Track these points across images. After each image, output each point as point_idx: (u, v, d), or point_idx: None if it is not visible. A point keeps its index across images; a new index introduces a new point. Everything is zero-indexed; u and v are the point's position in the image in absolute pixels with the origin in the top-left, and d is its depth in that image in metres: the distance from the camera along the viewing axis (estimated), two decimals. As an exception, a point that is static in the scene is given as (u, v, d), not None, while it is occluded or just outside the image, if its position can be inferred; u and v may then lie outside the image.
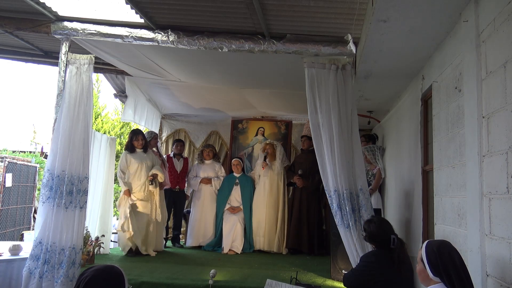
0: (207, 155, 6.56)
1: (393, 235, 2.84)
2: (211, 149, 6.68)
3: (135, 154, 5.48)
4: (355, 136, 4.00)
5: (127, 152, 5.53)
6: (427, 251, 2.00)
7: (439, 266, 1.93)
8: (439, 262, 1.94)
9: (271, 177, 6.27)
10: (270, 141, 6.73)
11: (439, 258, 1.94)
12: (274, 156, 6.41)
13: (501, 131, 2.16)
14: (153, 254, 5.39)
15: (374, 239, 2.92)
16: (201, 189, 6.43)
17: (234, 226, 6.04)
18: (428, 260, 1.97)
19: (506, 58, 2.13)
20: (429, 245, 2.03)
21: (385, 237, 2.85)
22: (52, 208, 4.02)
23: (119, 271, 1.76)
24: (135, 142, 5.52)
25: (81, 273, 1.75)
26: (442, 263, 1.93)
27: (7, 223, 8.68)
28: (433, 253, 1.97)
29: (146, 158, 5.50)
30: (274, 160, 6.39)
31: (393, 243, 2.79)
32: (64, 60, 4.33)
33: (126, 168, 5.42)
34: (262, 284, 3.33)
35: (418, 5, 2.67)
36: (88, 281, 1.68)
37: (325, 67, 4.06)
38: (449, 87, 3.10)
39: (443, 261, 1.93)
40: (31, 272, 3.93)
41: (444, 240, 2.14)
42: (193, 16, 4.04)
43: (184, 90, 6.31)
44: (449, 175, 3.06)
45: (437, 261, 1.94)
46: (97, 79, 13.65)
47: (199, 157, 6.67)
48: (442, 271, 1.92)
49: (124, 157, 5.49)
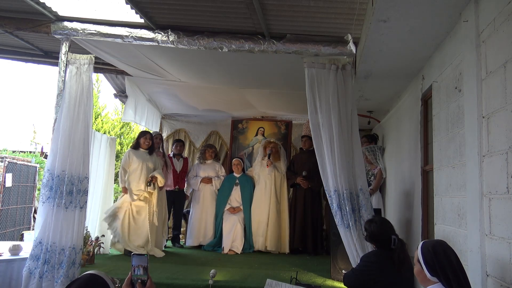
0: (209, 155, 6.57)
1: (394, 235, 2.84)
2: (214, 149, 6.69)
3: (138, 153, 5.46)
4: (355, 136, 4.00)
5: (130, 149, 5.54)
6: (423, 251, 2.01)
7: (436, 266, 1.93)
8: (435, 262, 1.94)
9: (275, 178, 6.24)
10: (274, 140, 6.66)
11: (435, 258, 1.95)
12: (278, 156, 6.39)
13: (501, 131, 2.16)
14: (159, 255, 5.34)
15: (375, 239, 2.92)
16: (201, 189, 6.42)
17: (234, 226, 6.03)
18: (424, 260, 1.98)
19: (506, 58, 2.13)
20: (424, 246, 2.04)
21: (386, 237, 2.85)
22: (52, 208, 4.02)
23: (102, 280, 1.71)
24: (142, 139, 5.50)
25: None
26: (438, 262, 1.93)
27: (7, 223, 8.68)
28: (429, 253, 1.98)
29: (148, 160, 5.47)
30: (278, 160, 6.36)
31: (393, 244, 2.79)
32: (64, 60, 4.33)
33: (127, 165, 5.40)
34: (262, 284, 3.33)
35: (418, 5, 2.67)
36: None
37: (325, 67, 4.06)
38: (449, 87, 3.10)
39: (439, 261, 1.93)
40: (31, 272, 3.93)
41: (439, 240, 2.14)
42: (193, 16, 4.04)
43: (184, 90, 6.31)
44: (449, 175, 3.06)
45: (433, 261, 1.95)
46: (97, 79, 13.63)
47: (200, 157, 6.66)
48: (439, 271, 1.92)
49: (127, 154, 5.49)
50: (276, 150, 6.40)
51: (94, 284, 1.69)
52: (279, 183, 6.27)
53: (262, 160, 6.40)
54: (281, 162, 6.37)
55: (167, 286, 3.83)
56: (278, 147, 6.47)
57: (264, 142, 6.58)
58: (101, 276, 1.73)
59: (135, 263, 1.84)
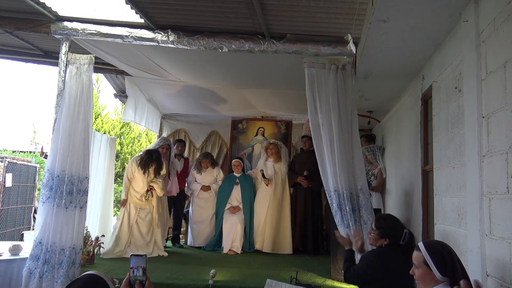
0: (205, 165, 6.42)
1: (406, 229, 2.84)
2: (209, 159, 6.48)
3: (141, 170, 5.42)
4: (355, 136, 4.00)
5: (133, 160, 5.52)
6: (431, 252, 1.98)
7: (447, 266, 1.92)
8: (447, 262, 1.93)
9: (276, 179, 6.21)
10: (274, 141, 6.55)
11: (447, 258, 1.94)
12: (279, 157, 6.32)
13: (501, 131, 2.16)
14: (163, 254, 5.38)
15: (391, 233, 2.86)
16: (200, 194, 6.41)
17: (234, 226, 6.03)
18: (434, 261, 1.95)
19: (506, 58, 2.13)
20: (430, 247, 2.01)
21: (401, 231, 2.83)
22: (52, 208, 4.02)
23: (102, 280, 1.71)
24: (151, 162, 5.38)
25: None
26: (450, 262, 1.92)
27: (7, 223, 8.68)
28: (439, 254, 1.96)
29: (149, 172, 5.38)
30: (279, 162, 6.31)
31: (403, 239, 2.79)
32: (64, 60, 4.33)
33: (132, 175, 5.39)
34: (262, 284, 3.32)
35: (418, 5, 2.67)
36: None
37: (325, 67, 4.06)
38: (449, 87, 3.10)
39: (450, 261, 1.93)
40: (31, 272, 3.93)
41: (439, 240, 2.14)
42: (193, 16, 4.04)
43: (184, 90, 6.31)
44: (449, 175, 3.06)
45: (445, 261, 1.93)
46: (97, 79, 13.63)
47: (196, 167, 6.49)
48: (450, 271, 1.91)
49: (130, 164, 5.48)
50: (277, 150, 6.35)
51: (94, 284, 1.69)
52: (280, 184, 6.25)
53: (266, 161, 6.35)
54: (282, 164, 6.33)
55: (167, 286, 3.83)
56: (278, 147, 6.41)
57: (265, 144, 6.52)
58: (101, 276, 1.72)
59: (134, 264, 1.83)
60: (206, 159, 6.46)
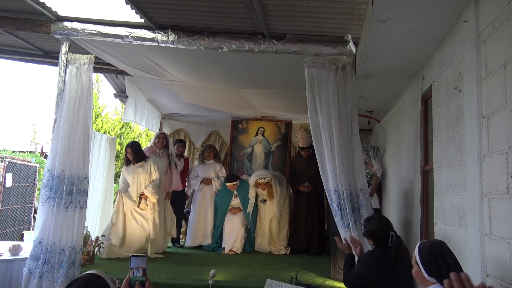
0: (208, 155, 6.56)
1: (392, 232, 2.84)
2: (212, 149, 6.66)
3: (129, 168, 5.38)
4: (355, 136, 4.00)
5: (124, 167, 5.49)
6: (420, 252, 2.01)
7: (432, 266, 1.93)
8: (431, 262, 1.94)
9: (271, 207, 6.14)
10: (265, 179, 6.06)
11: (431, 258, 1.95)
12: (272, 192, 6.10)
13: (501, 131, 2.16)
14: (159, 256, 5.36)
15: (373, 235, 2.91)
16: (201, 189, 6.42)
17: (235, 227, 6.03)
18: (421, 261, 1.98)
19: (506, 58, 2.13)
20: (421, 246, 2.04)
21: (384, 234, 2.84)
22: (52, 208, 4.02)
23: (102, 280, 1.70)
24: (127, 155, 5.38)
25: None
26: (435, 262, 1.93)
27: (7, 223, 8.67)
28: (426, 254, 1.98)
29: (138, 172, 5.32)
30: (272, 199, 6.10)
31: (391, 241, 2.79)
32: (64, 60, 4.33)
33: (126, 181, 5.35)
34: (262, 284, 3.33)
35: (418, 5, 2.67)
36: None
37: (325, 67, 4.06)
38: (449, 87, 3.10)
39: (435, 261, 1.94)
40: (31, 272, 3.93)
41: (437, 240, 2.15)
42: (193, 16, 4.04)
43: (184, 90, 6.31)
44: (449, 175, 3.06)
45: (429, 261, 1.95)
46: (97, 79, 13.61)
47: (200, 158, 6.66)
48: (435, 271, 1.92)
49: (122, 172, 5.47)
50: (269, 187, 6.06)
51: (94, 284, 1.69)
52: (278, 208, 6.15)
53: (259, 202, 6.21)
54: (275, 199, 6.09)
55: (167, 286, 3.84)
56: (269, 184, 6.06)
57: (254, 183, 6.11)
58: (101, 276, 1.72)
59: (134, 264, 1.82)
60: (209, 148, 6.64)
